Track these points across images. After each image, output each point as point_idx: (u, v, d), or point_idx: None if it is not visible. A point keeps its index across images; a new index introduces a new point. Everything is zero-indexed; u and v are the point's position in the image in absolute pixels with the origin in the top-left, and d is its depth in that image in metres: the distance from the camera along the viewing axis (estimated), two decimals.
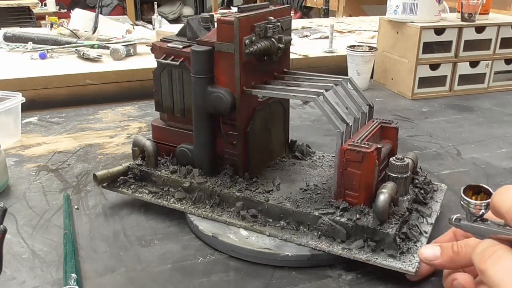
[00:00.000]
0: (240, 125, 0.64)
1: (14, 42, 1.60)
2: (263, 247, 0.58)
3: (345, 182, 0.58)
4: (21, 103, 0.93)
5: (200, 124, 0.66)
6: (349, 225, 0.56)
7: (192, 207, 0.65)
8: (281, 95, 0.64)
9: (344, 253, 0.55)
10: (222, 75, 0.63)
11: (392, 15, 1.24)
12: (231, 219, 0.62)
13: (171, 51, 0.67)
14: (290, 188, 0.65)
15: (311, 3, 3.78)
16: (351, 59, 1.28)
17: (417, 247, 0.55)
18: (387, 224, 0.55)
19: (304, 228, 0.59)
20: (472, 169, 0.84)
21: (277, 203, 0.61)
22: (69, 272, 0.54)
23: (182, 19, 5.38)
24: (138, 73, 1.36)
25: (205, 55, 0.62)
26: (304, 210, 0.59)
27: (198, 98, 0.64)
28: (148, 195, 0.68)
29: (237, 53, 0.60)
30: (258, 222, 0.61)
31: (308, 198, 0.62)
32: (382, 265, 0.53)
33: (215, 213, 0.64)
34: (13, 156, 0.88)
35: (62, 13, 4.14)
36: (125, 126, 1.04)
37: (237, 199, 0.63)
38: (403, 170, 0.60)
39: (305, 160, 0.75)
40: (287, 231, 0.60)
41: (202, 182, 0.65)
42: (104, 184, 0.69)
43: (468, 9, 1.21)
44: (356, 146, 0.57)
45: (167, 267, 0.57)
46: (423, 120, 1.09)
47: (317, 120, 1.08)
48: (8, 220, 0.66)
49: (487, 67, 1.27)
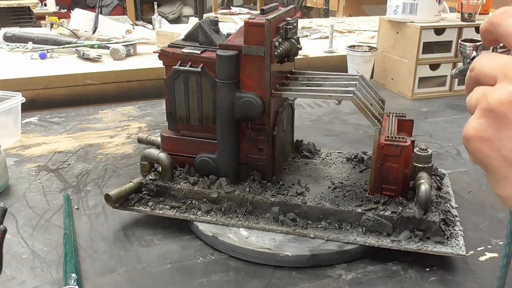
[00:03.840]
0: (269, 129, 0.63)
1: (14, 42, 1.60)
2: (263, 247, 0.58)
3: (382, 177, 0.60)
4: (21, 103, 0.93)
5: (226, 131, 0.63)
6: (394, 218, 0.58)
7: (223, 218, 0.63)
8: (315, 95, 0.65)
9: (394, 245, 0.57)
10: (249, 79, 0.61)
11: (392, 15, 1.24)
12: (270, 226, 0.61)
13: (187, 57, 0.64)
14: (319, 188, 0.65)
15: (311, 3, 3.78)
16: (351, 59, 1.28)
17: (456, 231, 0.58)
18: (429, 213, 0.58)
19: (347, 226, 0.60)
20: (472, 169, 0.84)
21: (316, 204, 0.61)
22: (69, 272, 0.54)
23: (182, 19, 5.38)
24: (138, 73, 1.36)
25: (232, 60, 0.60)
26: (345, 209, 0.60)
27: (224, 104, 0.62)
28: (170, 210, 0.64)
29: (267, 55, 0.60)
30: (298, 225, 0.61)
31: (342, 196, 0.63)
32: (434, 252, 0.55)
33: (250, 221, 0.62)
34: (13, 156, 0.88)
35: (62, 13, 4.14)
36: (125, 126, 1.04)
37: (271, 205, 0.62)
38: (428, 160, 0.63)
39: (315, 159, 0.75)
40: (331, 231, 0.60)
41: (230, 191, 0.63)
42: (116, 205, 0.64)
43: (468, 9, 1.21)
44: (394, 141, 0.59)
45: (167, 267, 0.57)
46: (423, 120, 1.09)
47: (317, 120, 1.08)
48: (8, 220, 0.66)
49: None
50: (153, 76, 1.36)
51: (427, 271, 0.56)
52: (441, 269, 0.57)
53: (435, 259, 0.57)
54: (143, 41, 1.62)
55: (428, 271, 0.56)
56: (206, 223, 0.62)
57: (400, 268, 0.56)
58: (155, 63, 1.40)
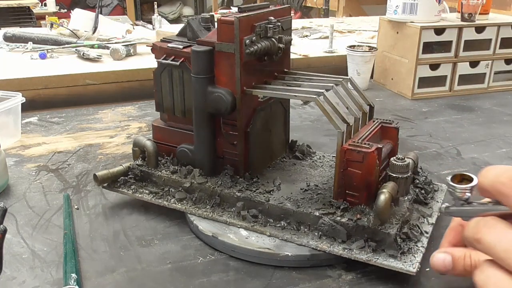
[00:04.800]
0: (241, 125, 0.64)
1: (14, 42, 1.60)
2: (263, 247, 0.58)
3: (345, 182, 0.58)
4: (21, 103, 0.93)
5: (200, 124, 0.65)
6: (349, 225, 0.56)
7: (192, 207, 0.65)
8: (281, 95, 0.64)
9: (345, 253, 0.55)
10: (222, 75, 0.63)
11: (392, 15, 1.24)
12: (232, 219, 0.62)
13: (172, 51, 0.67)
14: (291, 188, 0.65)
15: (311, 3, 3.78)
16: (351, 59, 1.28)
17: (418, 247, 0.55)
18: (388, 224, 0.55)
19: (304, 228, 0.59)
20: (472, 169, 0.84)
21: (278, 203, 0.61)
22: (69, 272, 0.54)
23: (182, 19, 5.38)
24: (138, 73, 1.36)
25: (206, 55, 0.62)
26: (304, 210, 0.59)
27: (198, 98, 0.64)
28: (148, 195, 0.68)
29: (237, 53, 0.60)
30: (258, 222, 0.61)
31: (309, 198, 0.62)
32: (383, 265, 0.53)
33: (215, 213, 0.64)
34: (13, 156, 0.88)
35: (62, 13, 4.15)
36: (125, 126, 1.04)
37: (237, 199, 0.63)
38: (404, 170, 0.60)
39: (305, 160, 0.75)
40: (288, 231, 0.60)
41: (202, 182, 0.65)
42: (104, 185, 0.69)
43: (468, 9, 1.21)
44: (357, 146, 0.57)
45: (167, 267, 0.57)
46: (423, 120, 1.09)
47: (317, 120, 1.08)
48: (8, 220, 0.66)
49: (487, 67, 1.27)
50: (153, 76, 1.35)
51: (427, 270, 0.56)
52: None
53: None
54: (143, 41, 1.62)
55: (429, 271, 0.56)
56: (205, 223, 0.62)
57: None
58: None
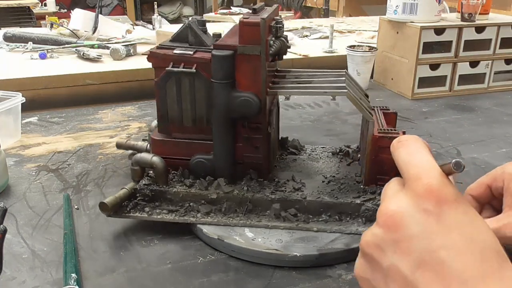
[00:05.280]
0: (265, 127, 0.64)
1: (14, 42, 1.60)
2: (270, 248, 0.58)
3: (377, 168, 0.61)
4: (21, 103, 0.92)
5: (223, 131, 0.63)
6: None
7: (224, 218, 0.63)
8: (310, 92, 0.66)
9: None
10: (244, 79, 0.61)
11: (392, 15, 1.24)
12: (273, 223, 0.62)
13: (180, 58, 0.63)
14: (313, 183, 0.66)
15: (311, 3, 3.78)
16: (351, 59, 1.28)
17: None
18: None
19: (346, 218, 0.61)
20: (472, 169, 0.84)
21: (316, 198, 0.62)
22: (69, 272, 0.54)
23: (182, 19, 5.38)
24: (138, 73, 1.36)
25: (229, 59, 0.60)
26: (344, 201, 0.61)
27: (221, 104, 0.62)
28: (168, 215, 0.63)
29: (263, 54, 0.60)
30: (300, 220, 0.62)
31: (338, 189, 0.64)
32: None
33: (251, 219, 0.62)
34: (13, 156, 0.88)
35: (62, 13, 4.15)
36: (125, 126, 1.04)
37: (272, 202, 0.62)
38: None
39: (302, 155, 0.76)
40: (332, 223, 0.61)
41: (229, 191, 0.63)
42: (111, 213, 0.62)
43: (468, 9, 1.21)
44: (387, 133, 0.60)
45: (167, 267, 0.57)
46: (423, 120, 1.09)
47: (317, 120, 1.08)
48: (8, 220, 0.66)
49: (487, 67, 1.27)
50: (153, 76, 1.35)
51: None
52: None
53: None
54: (143, 41, 1.62)
55: None
56: (209, 225, 0.62)
57: None
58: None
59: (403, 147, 0.36)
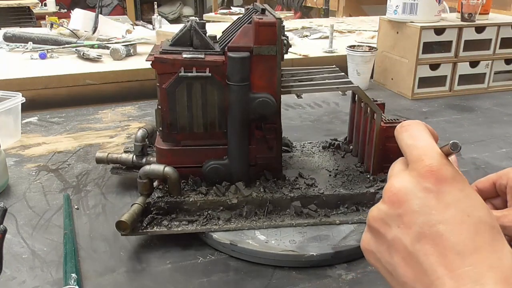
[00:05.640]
0: (279, 127, 0.65)
1: (14, 42, 1.60)
2: (287, 250, 0.57)
3: (384, 157, 0.64)
4: (21, 103, 0.93)
5: (240, 134, 0.63)
6: None
7: (247, 222, 0.62)
8: (321, 89, 0.67)
9: None
10: (259, 80, 0.61)
11: (392, 15, 1.24)
12: (296, 220, 0.62)
13: (192, 63, 0.60)
14: (321, 177, 0.68)
15: (311, 3, 3.78)
16: (351, 59, 1.28)
17: None
18: None
19: (363, 207, 0.63)
20: (472, 169, 0.84)
21: (333, 192, 0.64)
22: (69, 272, 0.54)
23: (182, 19, 5.38)
24: (138, 73, 1.36)
25: (245, 61, 0.60)
26: (360, 191, 0.63)
27: (238, 107, 0.61)
28: (189, 226, 0.61)
29: (279, 54, 0.61)
30: (321, 214, 0.63)
31: (347, 180, 0.66)
32: None
33: (274, 220, 0.62)
34: (13, 156, 0.88)
35: (62, 13, 4.15)
36: (125, 126, 1.04)
37: (291, 200, 0.63)
38: None
39: (295, 152, 0.77)
40: (352, 214, 0.63)
41: (249, 195, 0.63)
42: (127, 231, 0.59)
43: (468, 9, 1.21)
44: (393, 123, 0.64)
45: (167, 267, 0.57)
46: (423, 120, 1.08)
47: (317, 120, 1.08)
48: (8, 220, 0.66)
49: (487, 67, 1.27)
50: (153, 76, 1.34)
51: None
52: None
53: None
54: (143, 41, 1.62)
55: None
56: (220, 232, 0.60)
57: None
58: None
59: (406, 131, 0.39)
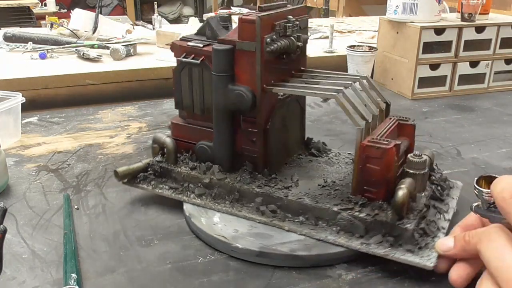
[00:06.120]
0: (260, 123, 0.65)
1: (14, 42, 1.60)
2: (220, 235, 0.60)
3: (364, 178, 0.59)
4: (21, 103, 0.93)
5: (220, 122, 0.66)
6: (367, 220, 0.57)
7: (212, 202, 0.66)
8: (301, 92, 0.65)
9: (363, 247, 0.56)
10: (243, 73, 0.63)
11: (392, 15, 1.24)
12: (251, 214, 0.63)
13: (192, 50, 0.67)
14: (309, 185, 0.66)
15: (311, 3, 3.78)
16: (351, 59, 1.28)
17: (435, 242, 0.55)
18: (406, 219, 0.56)
19: (323, 224, 0.60)
20: (472, 169, 0.84)
21: (296, 198, 0.62)
22: (69, 272, 0.54)
23: (182, 19, 5.38)
24: (138, 73, 1.36)
25: (226, 54, 0.63)
26: (323, 206, 0.60)
27: (219, 96, 0.65)
28: (168, 190, 0.69)
29: (258, 51, 0.61)
30: (277, 217, 0.62)
31: (327, 194, 0.63)
32: (400, 260, 0.54)
33: (234, 208, 0.64)
34: (13, 156, 0.88)
35: (62, 13, 4.15)
36: (125, 126, 1.04)
37: (256, 195, 0.64)
38: (421, 167, 0.60)
39: (321, 157, 0.76)
40: (306, 226, 0.60)
41: (221, 178, 0.66)
42: (124, 180, 0.71)
43: (468, 9, 1.21)
44: (376, 143, 0.58)
45: (167, 267, 0.57)
46: (423, 120, 1.09)
47: (317, 120, 1.08)
48: (8, 220, 0.66)
49: (487, 67, 1.27)
50: (153, 76, 1.36)
51: (427, 271, 0.56)
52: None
53: None
54: (143, 41, 1.62)
55: (429, 271, 0.56)
56: (192, 205, 0.66)
57: (400, 268, 0.56)
58: (155, 63, 1.40)
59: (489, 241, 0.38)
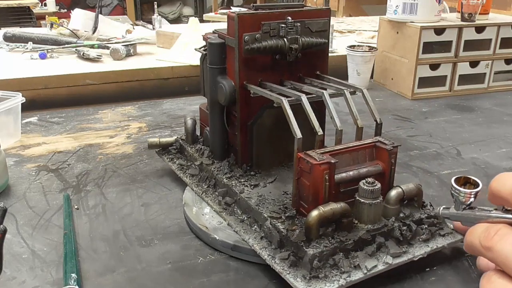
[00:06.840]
0: (240, 118, 0.66)
1: (14, 42, 1.60)
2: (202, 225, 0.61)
3: (299, 191, 0.56)
4: (21, 103, 0.93)
5: (212, 111, 0.70)
6: (282, 234, 0.54)
7: (195, 183, 0.70)
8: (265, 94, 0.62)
9: (268, 259, 0.53)
10: (230, 68, 0.66)
11: (392, 15, 1.24)
12: (211, 202, 0.66)
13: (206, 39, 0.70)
14: (276, 189, 0.64)
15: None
16: (351, 59, 1.28)
17: (337, 278, 0.50)
18: (314, 243, 0.51)
19: (257, 227, 0.59)
20: (472, 169, 0.84)
21: (246, 197, 0.62)
22: (69, 272, 0.54)
23: (182, 19, 5.38)
24: (138, 73, 1.36)
25: (218, 47, 0.65)
26: (259, 210, 0.58)
27: (210, 87, 0.68)
28: (176, 165, 0.76)
29: (236, 48, 0.62)
30: (227, 210, 0.63)
31: (277, 200, 0.60)
32: (288, 281, 0.50)
33: (205, 194, 0.67)
34: (13, 156, 0.88)
35: (62, 13, 4.15)
36: (125, 126, 1.04)
37: (224, 186, 0.66)
38: (370, 196, 0.54)
39: None
40: (243, 225, 0.60)
41: (208, 164, 0.70)
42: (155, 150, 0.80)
43: (468, 9, 1.21)
44: (308, 156, 0.53)
45: (167, 267, 0.57)
46: (423, 120, 1.09)
47: None
48: (8, 220, 0.66)
49: (487, 67, 1.27)
50: (153, 76, 1.36)
51: (427, 271, 0.56)
52: (441, 269, 0.56)
53: (436, 260, 0.57)
54: (143, 41, 1.62)
55: (428, 271, 0.56)
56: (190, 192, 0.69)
57: (400, 268, 0.56)
58: (155, 63, 1.40)
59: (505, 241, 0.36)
